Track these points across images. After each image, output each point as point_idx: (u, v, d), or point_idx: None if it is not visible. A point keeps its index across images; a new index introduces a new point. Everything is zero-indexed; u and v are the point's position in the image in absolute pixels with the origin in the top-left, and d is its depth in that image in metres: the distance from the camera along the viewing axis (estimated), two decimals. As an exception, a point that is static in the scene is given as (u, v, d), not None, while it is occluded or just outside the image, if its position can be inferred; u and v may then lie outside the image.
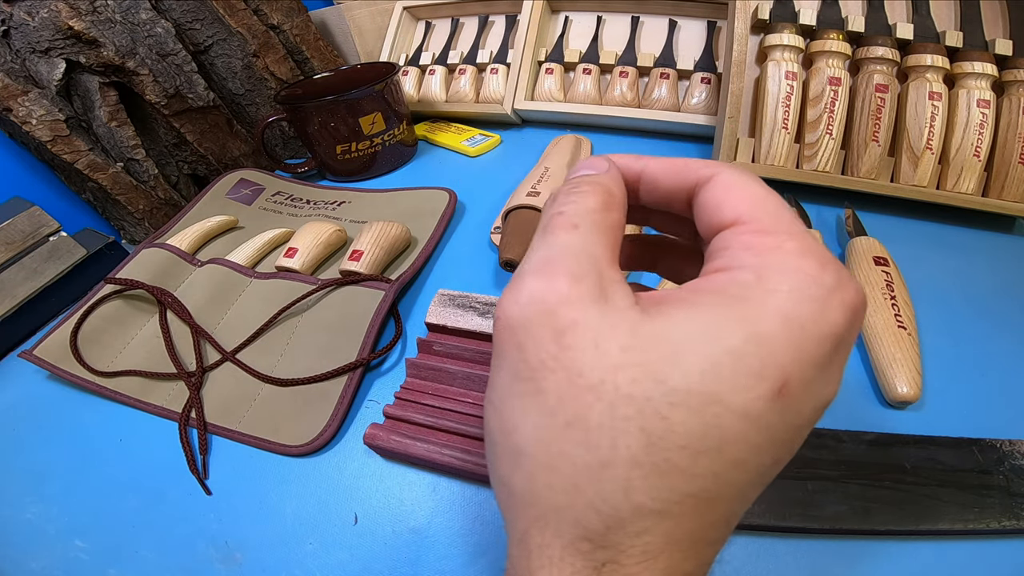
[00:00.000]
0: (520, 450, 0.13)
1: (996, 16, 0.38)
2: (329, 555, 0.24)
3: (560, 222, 0.14)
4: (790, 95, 0.39)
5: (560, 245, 0.13)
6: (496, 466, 0.14)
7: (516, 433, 0.13)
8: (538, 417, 0.12)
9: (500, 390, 0.13)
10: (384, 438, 0.26)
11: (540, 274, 0.13)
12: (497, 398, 0.13)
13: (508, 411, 0.13)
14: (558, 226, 0.14)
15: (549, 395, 0.12)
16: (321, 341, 0.33)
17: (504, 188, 0.45)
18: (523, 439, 0.12)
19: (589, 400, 0.11)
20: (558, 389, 0.12)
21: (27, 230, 0.39)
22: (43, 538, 0.26)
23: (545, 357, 0.12)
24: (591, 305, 0.12)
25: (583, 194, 0.15)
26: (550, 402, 0.12)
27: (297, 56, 0.58)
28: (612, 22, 0.57)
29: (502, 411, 0.13)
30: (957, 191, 0.37)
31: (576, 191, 0.15)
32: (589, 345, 0.12)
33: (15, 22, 0.41)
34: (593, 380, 0.11)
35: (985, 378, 0.28)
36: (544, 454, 0.12)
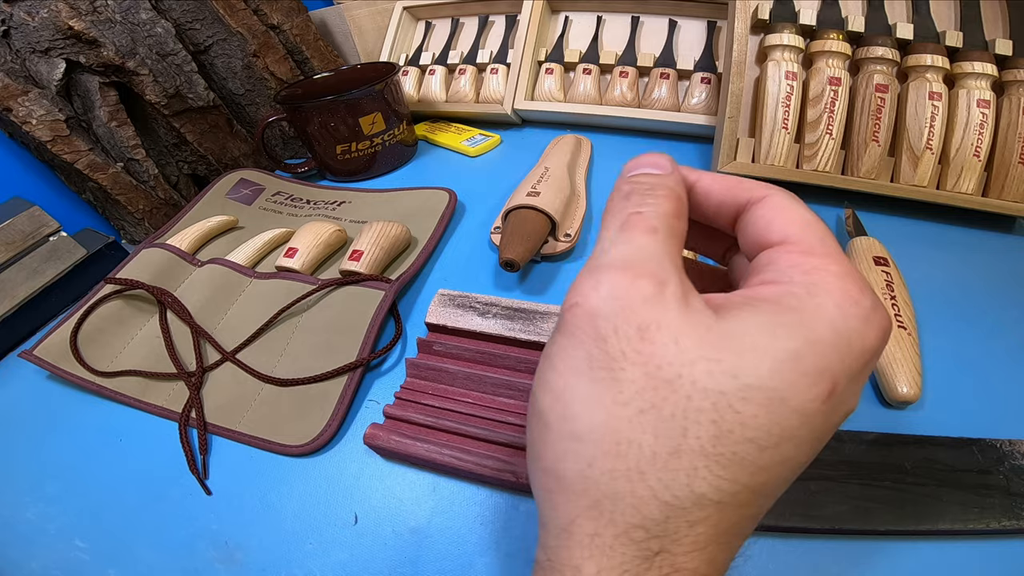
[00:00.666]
0: (580, 436, 0.13)
1: (996, 16, 0.38)
2: (329, 555, 0.24)
3: (639, 223, 0.15)
4: (790, 95, 0.39)
5: (641, 246, 0.14)
6: (542, 453, 0.14)
7: (579, 419, 0.13)
8: (611, 404, 0.12)
9: (564, 375, 0.13)
10: (384, 438, 0.26)
11: (624, 272, 0.13)
12: (559, 383, 0.14)
13: (573, 396, 0.13)
14: (637, 227, 0.15)
15: (625, 384, 0.12)
16: (321, 341, 0.33)
17: (504, 188, 0.45)
18: (587, 425, 0.13)
19: (665, 392, 0.12)
20: (635, 379, 0.12)
21: (27, 230, 0.39)
22: (43, 538, 0.26)
23: (627, 349, 0.13)
24: (673, 307, 0.13)
25: (660, 198, 0.15)
26: (626, 391, 0.12)
27: (297, 56, 0.58)
28: (612, 22, 0.57)
29: (564, 396, 0.13)
30: (957, 191, 0.37)
31: (652, 194, 0.15)
32: (670, 341, 0.12)
33: (15, 22, 0.41)
34: (671, 374, 0.12)
35: (985, 378, 0.28)
36: (610, 441, 0.12)
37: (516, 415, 0.26)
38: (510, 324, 0.29)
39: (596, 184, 0.47)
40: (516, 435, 0.25)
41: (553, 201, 0.38)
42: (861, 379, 0.13)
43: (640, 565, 0.12)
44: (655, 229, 0.14)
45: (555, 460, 0.13)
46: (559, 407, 0.13)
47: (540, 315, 0.29)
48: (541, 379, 0.14)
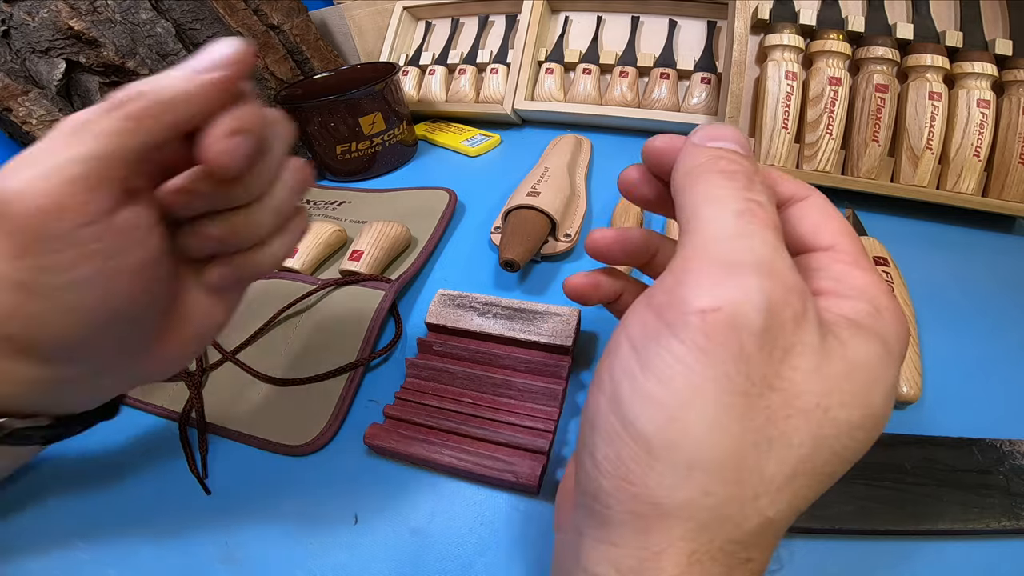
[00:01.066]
0: (698, 465, 0.11)
1: (996, 16, 0.38)
2: (329, 555, 0.24)
3: (763, 216, 0.13)
4: (790, 95, 0.39)
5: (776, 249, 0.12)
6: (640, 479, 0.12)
7: (700, 447, 0.11)
8: (740, 432, 0.11)
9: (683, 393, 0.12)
10: (384, 438, 0.26)
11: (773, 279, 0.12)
12: (674, 402, 0.12)
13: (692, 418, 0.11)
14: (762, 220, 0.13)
15: (759, 412, 0.12)
16: (321, 341, 0.33)
17: (504, 188, 0.45)
18: (709, 452, 0.11)
19: (799, 422, 0.12)
20: (772, 407, 0.12)
21: (27, 230, 0.39)
22: (43, 538, 0.26)
23: (770, 374, 0.12)
24: (814, 327, 0.12)
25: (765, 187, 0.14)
26: (758, 418, 0.12)
27: (297, 56, 0.58)
28: (612, 22, 0.57)
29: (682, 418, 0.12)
30: (957, 191, 0.37)
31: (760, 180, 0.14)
32: (812, 368, 0.12)
33: (15, 22, 0.41)
34: (809, 404, 0.12)
35: (985, 378, 0.28)
36: (732, 468, 0.12)
37: (516, 415, 0.26)
38: (510, 324, 0.29)
39: (596, 184, 0.47)
40: (516, 435, 0.25)
41: (553, 201, 0.38)
42: None
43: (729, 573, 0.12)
44: (778, 227, 0.13)
45: (658, 490, 0.12)
46: (674, 431, 0.12)
47: (540, 315, 0.29)
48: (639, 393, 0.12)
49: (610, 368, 0.13)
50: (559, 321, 0.29)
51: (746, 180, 0.13)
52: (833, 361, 0.12)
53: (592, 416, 0.13)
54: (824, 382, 0.12)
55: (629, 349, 0.13)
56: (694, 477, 0.11)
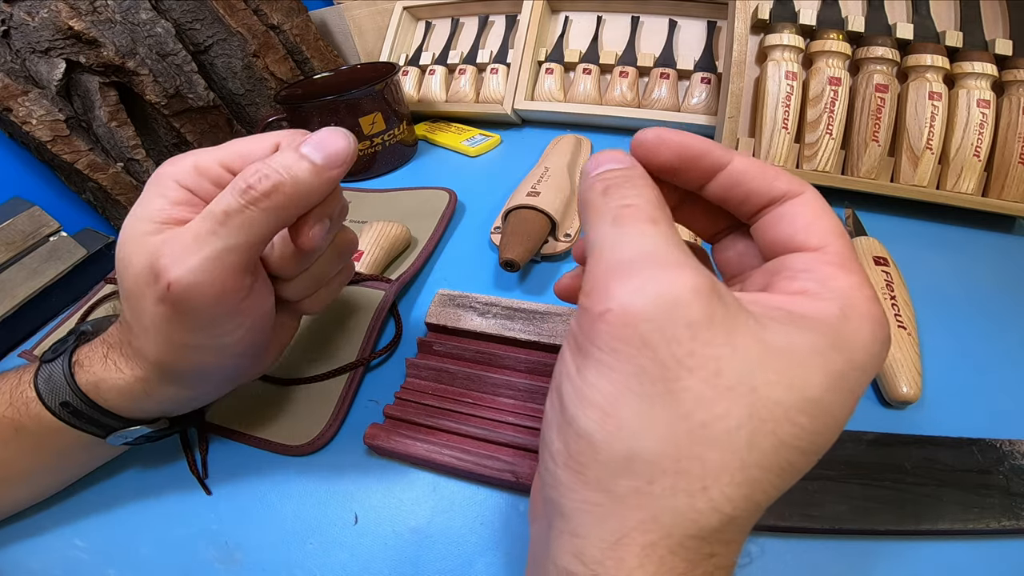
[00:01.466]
0: (637, 454, 0.12)
1: (996, 16, 0.38)
2: (329, 555, 0.24)
3: (636, 215, 0.14)
4: (790, 95, 0.39)
5: (655, 237, 0.13)
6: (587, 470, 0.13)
7: (636, 438, 0.12)
8: (669, 419, 0.12)
9: (611, 391, 0.12)
10: (384, 438, 0.26)
11: (653, 265, 0.12)
12: (604, 400, 0.12)
13: (626, 413, 0.12)
14: (636, 218, 0.13)
15: (683, 396, 0.12)
16: (321, 341, 0.33)
17: (504, 188, 0.45)
18: (644, 443, 0.12)
19: (727, 402, 0.12)
20: (694, 389, 0.12)
21: (27, 230, 0.39)
22: (43, 538, 0.26)
23: (682, 355, 0.12)
24: (716, 300, 0.12)
25: (641, 187, 0.14)
26: (685, 404, 0.12)
27: (297, 56, 0.58)
28: (612, 22, 0.57)
29: (616, 414, 0.12)
30: (957, 191, 0.37)
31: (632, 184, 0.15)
32: (726, 344, 0.12)
33: (15, 22, 0.41)
34: (732, 381, 0.12)
35: (985, 378, 0.28)
36: (671, 458, 0.12)
37: (516, 415, 0.26)
38: (510, 324, 0.29)
39: (596, 184, 0.47)
40: (516, 435, 0.25)
41: (553, 201, 0.38)
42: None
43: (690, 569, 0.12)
44: (656, 219, 0.13)
45: (605, 477, 0.12)
46: (609, 425, 0.12)
47: (540, 315, 0.29)
48: (577, 395, 0.13)
49: (556, 372, 0.14)
50: (559, 321, 0.29)
51: (616, 190, 0.14)
52: (746, 338, 0.12)
53: (547, 412, 0.15)
54: (741, 357, 0.12)
55: (568, 356, 0.14)
56: (635, 467, 0.12)
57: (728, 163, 0.16)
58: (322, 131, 0.20)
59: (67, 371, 0.22)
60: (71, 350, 0.23)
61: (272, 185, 0.18)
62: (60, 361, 0.22)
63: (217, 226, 0.18)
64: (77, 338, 0.24)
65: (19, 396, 0.22)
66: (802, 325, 0.13)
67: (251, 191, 0.18)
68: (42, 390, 0.22)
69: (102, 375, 0.22)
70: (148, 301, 0.18)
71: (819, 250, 0.14)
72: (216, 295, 0.18)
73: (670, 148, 0.16)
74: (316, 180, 0.19)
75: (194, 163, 0.20)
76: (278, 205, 0.18)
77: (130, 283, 0.19)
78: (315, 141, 0.19)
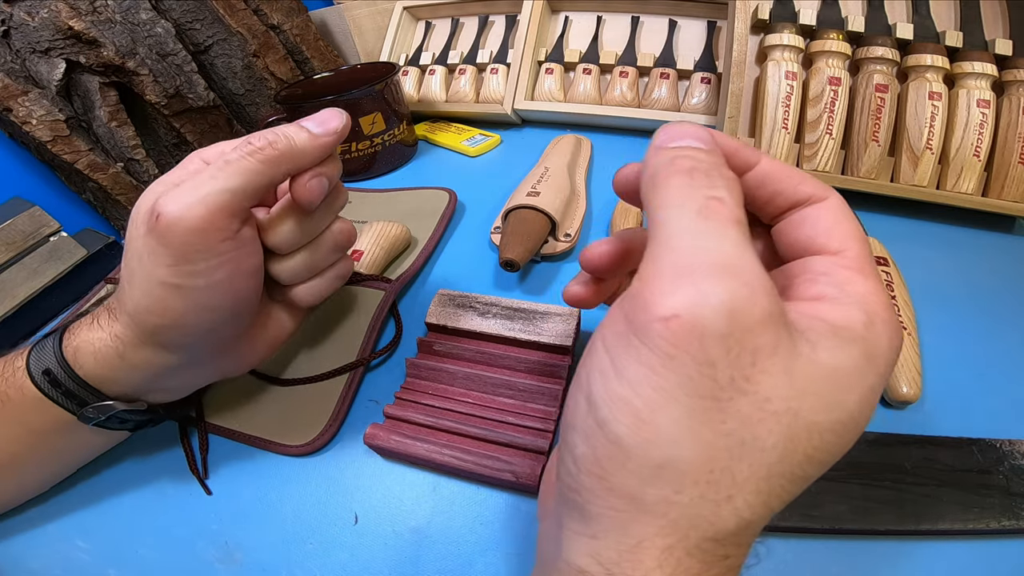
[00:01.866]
0: (671, 464, 0.12)
1: (996, 16, 0.38)
2: (329, 555, 0.24)
3: (724, 212, 0.12)
4: (790, 95, 0.39)
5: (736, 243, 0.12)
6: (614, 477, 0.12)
7: (672, 448, 0.12)
8: (711, 435, 0.12)
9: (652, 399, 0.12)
10: (384, 438, 0.26)
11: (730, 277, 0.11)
12: (644, 406, 0.12)
13: (664, 423, 0.12)
14: (723, 217, 0.12)
15: (732, 414, 0.12)
16: (321, 341, 0.33)
17: (504, 188, 0.45)
18: (680, 452, 0.12)
19: (771, 425, 0.12)
20: (744, 411, 0.12)
21: (27, 230, 0.39)
22: (43, 538, 0.26)
23: (738, 378, 0.12)
24: (783, 328, 0.12)
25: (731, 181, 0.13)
26: (729, 422, 0.12)
27: (297, 56, 0.58)
28: (612, 22, 0.57)
29: (653, 421, 0.12)
30: (957, 191, 0.37)
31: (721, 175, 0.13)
32: (782, 372, 0.12)
33: (15, 22, 0.41)
34: (780, 407, 0.12)
35: (985, 378, 0.28)
36: (704, 470, 0.12)
37: (516, 415, 0.26)
38: (510, 324, 0.29)
39: (596, 184, 0.47)
40: (516, 435, 0.25)
41: (553, 201, 0.38)
42: None
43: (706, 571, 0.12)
44: (741, 222, 0.13)
45: (634, 486, 0.12)
46: (645, 433, 0.12)
47: (540, 315, 0.29)
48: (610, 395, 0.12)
49: (587, 368, 0.13)
50: (559, 321, 0.29)
51: (705, 177, 0.13)
52: (802, 364, 0.12)
53: (571, 414, 0.14)
54: (794, 385, 0.12)
55: (603, 351, 0.13)
56: (665, 476, 0.12)
57: (756, 163, 0.16)
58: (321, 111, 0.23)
59: (56, 339, 0.22)
60: (69, 323, 0.23)
61: (269, 142, 0.21)
62: (57, 332, 0.23)
63: (216, 171, 0.20)
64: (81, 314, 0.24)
65: (9, 367, 0.23)
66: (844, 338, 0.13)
67: (250, 145, 0.21)
68: (32, 360, 0.22)
69: (83, 337, 0.22)
70: (139, 239, 0.20)
71: (838, 254, 0.14)
72: (199, 229, 0.19)
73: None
74: (311, 144, 0.22)
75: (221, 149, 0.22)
76: (272, 158, 0.21)
77: (131, 229, 0.21)
78: (314, 117, 0.23)
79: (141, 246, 0.20)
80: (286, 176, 0.22)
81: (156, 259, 0.20)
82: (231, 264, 0.21)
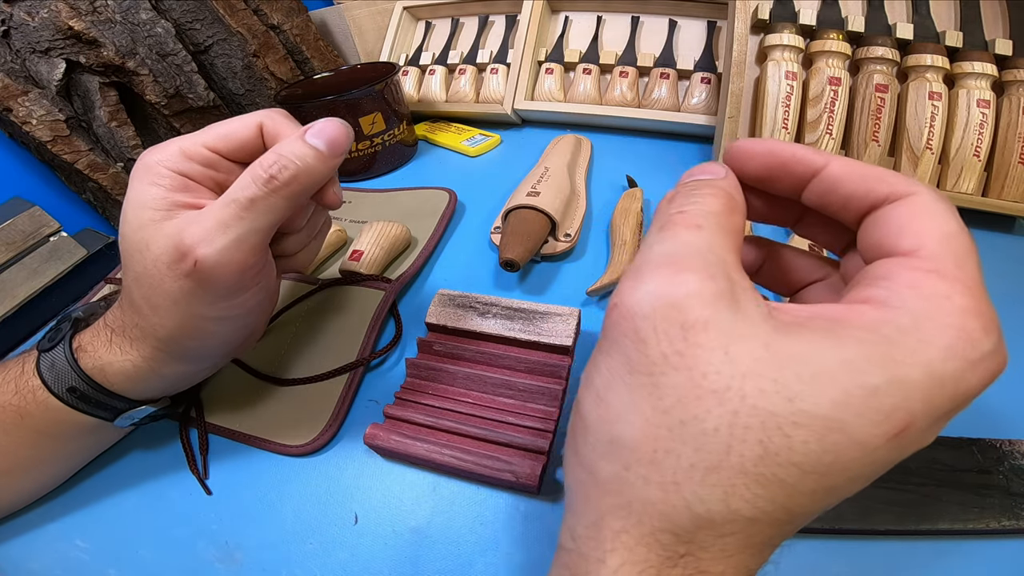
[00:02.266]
0: (619, 439, 0.13)
1: (996, 16, 0.38)
2: (329, 555, 0.24)
3: (682, 220, 0.14)
4: (790, 95, 0.39)
5: (684, 242, 0.13)
6: (581, 448, 0.14)
7: (618, 422, 0.13)
8: (650, 412, 0.12)
9: (606, 377, 0.13)
10: (384, 438, 0.26)
11: (666, 267, 0.13)
12: (601, 384, 0.13)
13: (613, 399, 0.13)
14: (680, 224, 0.14)
15: (666, 391, 0.12)
16: (321, 341, 0.33)
17: (504, 188, 0.45)
18: (626, 430, 0.13)
19: (710, 404, 0.12)
20: (678, 387, 0.12)
21: (27, 230, 0.39)
22: (43, 538, 0.26)
23: (668, 352, 0.12)
24: (724, 307, 0.12)
25: (705, 196, 0.15)
26: (666, 399, 0.12)
27: (297, 56, 0.58)
28: (612, 22, 0.57)
29: (606, 398, 0.13)
30: (957, 191, 0.37)
31: (697, 193, 0.15)
32: (719, 348, 0.12)
33: (15, 22, 0.41)
34: (718, 385, 0.12)
35: (985, 378, 0.28)
36: (648, 448, 0.12)
37: (516, 415, 0.26)
38: (510, 324, 0.29)
39: (596, 184, 0.47)
40: (516, 435, 0.25)
41: (553, 201, 0.38)
42: (947, 418, 0.12)
43: (664, 564, 0.12)
44: (699, 226, 0.14)
45: (592, 458, 0.13)
46: (600, 409, 0.13)
47: (540, 315, 0.29)
48: (586, 378, 0.14)
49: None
50: (559, 321, 0.29)
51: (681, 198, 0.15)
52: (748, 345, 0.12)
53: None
54: (735, 364, 0.12)
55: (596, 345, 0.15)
56: (615, 452, 0.13)
57: (822, 167, 0.15)
58: (320, 122, 0.22)
59: (70, 358, 0.23)
60: (69, 337, 0.23)
61: (292, 175, 0.21)
62: (61, 348, 0.23)
63: (243, 212, 0.20)
64: (72, 324, 0.24)
65: (24, 384, 0.23)
66: (838, 335, 0.12)
67: (274, 180, 0.20)
68: (47, 377, 0.23)
69: (108, 359, 0.23)
70: (169, 279, 0.20)
71: (910, 254, 0.13)
72: (239, 271, 0.21)
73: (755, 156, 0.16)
74: (324, 167, 0.22)
75: (180, 148, 0.21)
76: (296, 192, 0.21)
77: (148, 265, 0.20)
78: (317, 130, 0.22)
79: (174, 288, 0.20)
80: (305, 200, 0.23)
81: (195, 299, 0.21)
82: (263, 289, 0.23)
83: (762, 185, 0.16)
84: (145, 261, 0.20)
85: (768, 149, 0.15)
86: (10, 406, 0.23)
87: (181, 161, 0.21)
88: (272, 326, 0.34)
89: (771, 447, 0.11)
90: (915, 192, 0.13)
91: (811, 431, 0.11)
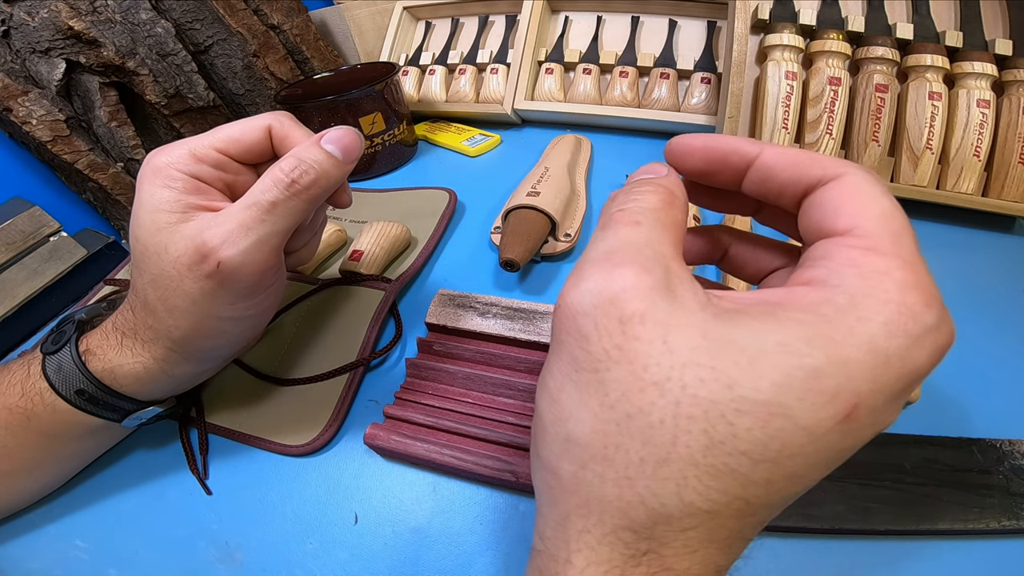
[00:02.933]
0: (572, 438, 0.13)
1: (996, 16, 0.38)
2: (329, 555, 0.24)
3: (621, 218, 0.14)
4: (790, 95, 0.39)
5: (622, 238, 0.14)
6: (542, 451, 0.14)
7: (570, 421, 0.13)
8: (597, 408, 0.12)
9: (557, 378, 0.13)
10: (384, 438, 0.26)
11: (604, 263, 0.13)
12: (553, 385, 0.13)
13: (564, 399, 0.13)
14: (619, 221, 0.14)
15: (611, 386, 0.12)
16: (321, 341, 0.33)
17: (504, 188, 0.45)
18: (577, 428, 0.13)
19: (653, 396, 0.12)
20: (621, 381, 0.12)
21: (27, 230, 0.39)
22: (43, 538, 0.26)
23: (609, 347, 0.12)
24: (659, 298, 0.12)
25: (644, 193, 0.15)
26: (611, 394, 0.12)
27: (297, 56, 0.58)
28: (612, 22, 0.57)
29: (557, 398, 0.13)
30: (957, 191, 0.37)
31: (636, 191, 0.15)
32: (657, 339, 0.12)
33: (15, 22, 0.41)
34: (659, 376, 0.12)
35: (985, 378, 0.28)
36: (599, 445, 0.12)
37: (516, 415, 0.26)
38: (510, 324, 0.29)
39: (596, 184, 0.47)
40: (516, 435, 0.25)
41: (553, 201, 0.38)
42: (901, 397, 0.12)
43: (628, 562, 0.12)
44: (637, 222, 0.14)
45: (551, 459, 0.13)
46: (554, 409, 0.13)
47: (540, 315, 0.29)
48: (541, 380, 0.14)
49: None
50: (559, 321, 0.29)
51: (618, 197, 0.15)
52: (685, 333, 0.12)
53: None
54: (673, 354, 0.11)
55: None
56: (571, 451, 0.13)
57: (756, 157, 0.15)
58: (333, 129, 0.23)
59: (78, 360, 0.23)
60: (74, 339, 0.23)
61: (312, 179, 0.22)
62: (67, 351, 0.23)
63: (265, 214, 0.21)
64: (76, 326, 0.24)
65: (31, 387, 0.23)
66: (778, 318, 0.12)
67: (296, 184, 0.21)
68: (54, 380, 0.23)
69: (118, 361, 0.23)
70: (189, 280, 0.21)
71: (847, 233, 0.13)
72: (260, 271, 0.21)
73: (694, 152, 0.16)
74: (339, 173, 0.23)
75: (190, 151, 0.22)
76: (315, 196, 0.22)
77: (166, 267, 0.21)
78: (332, 137, 0.23)
79: (194, 289, 0.21)
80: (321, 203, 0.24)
81: (215, 299, 0.21)
82: (277, 288, 0.24)
83: (705, 179, 0.16)
84: (163, 263, 0.21)
85: (704, 144, 0.16)
86: (17, 408, 0.23)
87: (192, 163, 0.22)
88: (272, 326, 0.34)
89: (716, 436, 0.11)
90: (846, 172, 0.13)
91: (754, 418, 0.11)
